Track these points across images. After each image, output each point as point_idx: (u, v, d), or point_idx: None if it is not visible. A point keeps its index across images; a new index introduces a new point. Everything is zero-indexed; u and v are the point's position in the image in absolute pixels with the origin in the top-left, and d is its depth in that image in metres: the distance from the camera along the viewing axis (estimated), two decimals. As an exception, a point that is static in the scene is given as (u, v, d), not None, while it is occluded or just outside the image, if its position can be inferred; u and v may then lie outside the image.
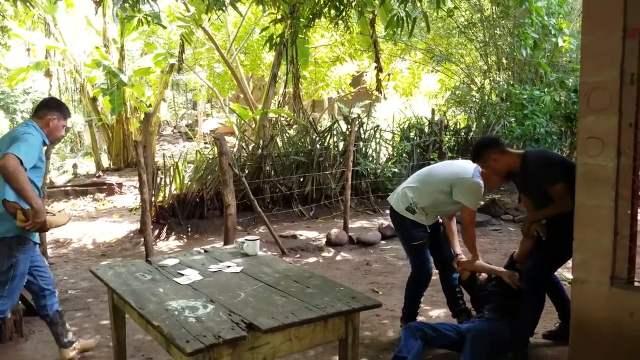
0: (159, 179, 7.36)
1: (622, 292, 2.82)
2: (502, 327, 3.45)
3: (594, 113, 2.88)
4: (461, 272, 3.84)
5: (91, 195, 10.23)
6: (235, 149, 8.38)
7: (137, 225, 7.31)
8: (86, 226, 7.90)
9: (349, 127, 8.77)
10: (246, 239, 3.18)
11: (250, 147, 8.44)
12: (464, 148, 10.43)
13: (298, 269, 2.92)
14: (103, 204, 9.65)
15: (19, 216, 2.99)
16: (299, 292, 2.46)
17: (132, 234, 7.06)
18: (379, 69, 9.64)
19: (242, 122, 9.88)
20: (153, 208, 7.11)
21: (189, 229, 7.18)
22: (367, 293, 4.96)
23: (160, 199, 7.31)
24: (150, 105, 13.87)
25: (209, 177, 7.56)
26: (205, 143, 15.36)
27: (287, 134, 8.80)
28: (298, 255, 6.35)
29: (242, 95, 13.95)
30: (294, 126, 10.39)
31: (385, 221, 7.78)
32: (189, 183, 7.47)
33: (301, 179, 8.30)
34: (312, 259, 6.21)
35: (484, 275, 3.87)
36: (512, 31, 9.07)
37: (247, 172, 7.91)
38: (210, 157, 7.74)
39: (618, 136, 2.81)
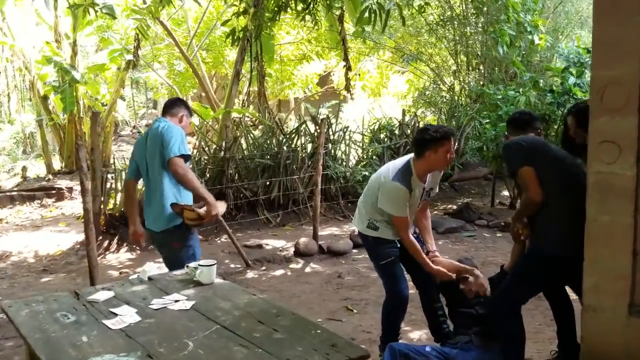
0: (109, 184, 6.71)
1: (643, 322, 2.41)
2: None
3: (609, 113, 2.46)
4: (437, 273, 3.36)
5: (39, 201, 9.44)
6: (195, 151, 7.79)
7: (83, 236, 6.64)
8: (29, 236, 7.18)
9: (317, 128, 8.30)
10: (200, 265, 2.63)
11: (212, 149, 7.86)
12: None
13: (262, 302, 2.40)
14: (50, 211, 8.89)
15: (187, 215, 3.18)
16: (264, 339, 1.93)
17: (78, 246, 6.40)
18: (348, 67, 9.17)
19: (203, 122, 9.28)
20: (103, 216, 6.46)
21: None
22: (341, 311, 4.51)
23: (110, 206, 6.67)
24: (105, 104, 13.10)
25: (166, 182, 6.94)
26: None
27: (251, 135, 8.25)
28: (264, 268, 5.82)
29: (204, 94, 13.30)
30: (259, 127, 9.84)
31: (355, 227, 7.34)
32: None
33: (267, 184, 7.77)
34: (279, 272, 5.70)
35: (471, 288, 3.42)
36: (486, 28, 8.75)
37: (208, 176, 7.33)
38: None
39: (638, 139, 2.40)
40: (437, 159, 3.12)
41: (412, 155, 3.24)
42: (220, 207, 3.42)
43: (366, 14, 5.80)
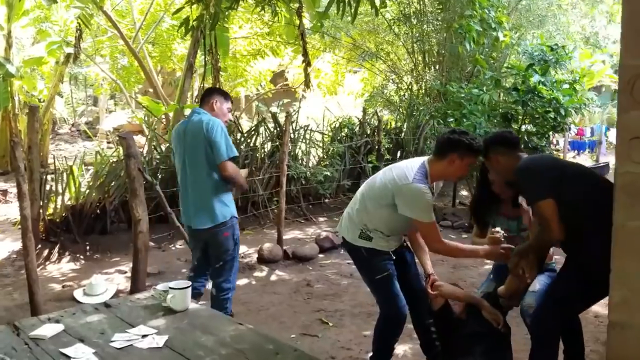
0: (48, 187, 6.04)
1: (681, 342, 2.14)
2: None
3: (641, 106, 2.19)
4: (434, 299, 3.05)
5: (-33, 205, 8.55)
6: (145, 150, 7.19)
7: (20, 244, 5.94)
8: (-44, 245, 6.39)
9: (276, 125, 7.88)
10: (171, 287, 2.16)
11: (164, 148, 7.29)
12: (395, 149, 9.87)
13: (253, 334, 1.96)
14: (-19, 216, 8.04)
15: None
16: (264, 388, 1.51)
17: (14, 255, 5.71)
18: (307, 63, 8.76)
19: (154, 118, 8.66)
20: (42, 222, 5.80)
21: (88, 248, 5.93)
22: (315, 325, 4.12)
23: (50, 211, 6.01)
24: (42, 100, 12.17)
25: (113, 184, 6.34)
26: (108, 142, 13.77)
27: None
28: (225, 277, 5.34)
29: (151, 90, 12.58)
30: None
31: (321, 230, 6.97)
32: (87, 191, 6.20)
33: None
34: (242, 281, 5.23)
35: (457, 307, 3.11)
36: (450, 24, 8.56)
37: (160, 177, 6.75)
38: (114, 159, 6.51)
39: (675, 137, 2.13)
40: (458, 168, 2.81)
41: (423, 158, 2.91)
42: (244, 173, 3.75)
43: (334, 5, 5.44)
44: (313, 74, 13.00)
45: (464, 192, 9.43)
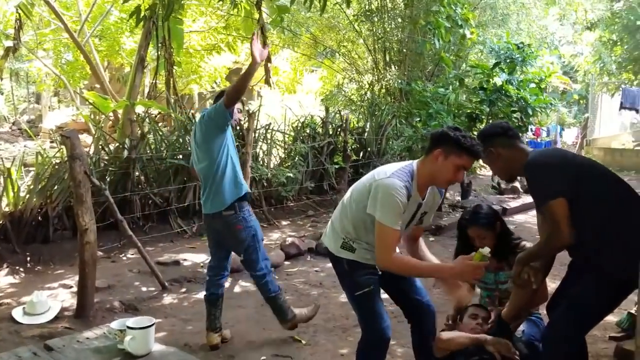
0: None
1: None
2: None
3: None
4: (437, 350, 2.70)
5: None
6: (91, 150, 6.60)
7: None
8: None
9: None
10: (129, 327, 1.72)
11: (113, 148, 6.71)
12: (358, 149, 9.59)
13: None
14: None
15: None
16: None
17: (-59, 270, 5.05)
18: (268, 59, 8.35)
19: (100, 116, 8.03)
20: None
21: (28, 259, 5.32)
22: (287, 344, 3.74)
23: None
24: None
25: (56, 188, 5.73)
26: (51, 141, 12.89)
27: (160, 132, 7.18)
28: (184, 290, 4.87)
29: (97, 86, 11.84)
30: (170, 124, 8.74)
31: (285, 235, 6.57)
32: (27, 196, 5.59)
33: (181, 188, 6.76)
34: (203, 294, 4.75)
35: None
36: (416, 21, 8.33)
37: (109, 180, 6.19)
38: (58, 160, 5.91)
39: None
40: (442, 167, 2.43)
41: (412, 161, 2.59)
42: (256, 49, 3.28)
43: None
44: (271, 71, 12.57)
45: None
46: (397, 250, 2.53)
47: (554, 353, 2.44)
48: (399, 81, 9.40)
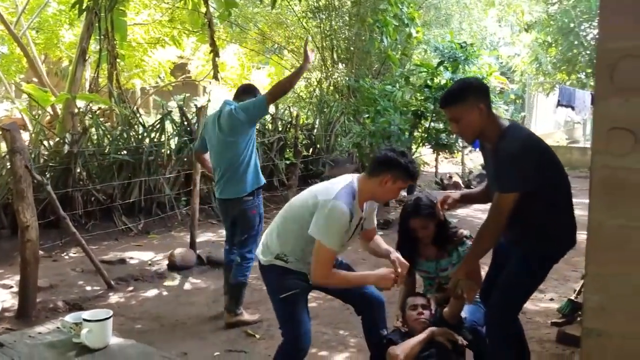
0: None
1: (665, 348, 2.00)
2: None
3: (622, 93, 2.01)
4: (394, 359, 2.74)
5: None
6: (30, 145, 6.30)
7: None
8: None
9: (184, 119, 7.28)
10: (85, 319, 1.65)
11: (53, 143, 6.44)
12: (307, 146, 9.62)
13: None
14: None
15: None
16: None
17: None
18: (216, 53, 8.24)
19: (38, 110, 7.68)
20: None
21: (-39, 259, 5.04)
22: (241, 339, 3.71)
23: None
24: None
25: (-7, 185, 5.45)
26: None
27: (103, 127, 6.94)
28: (131, 288, 4.73)
29: (35, 80, 11.30)
30: (112, 119, 8.45)
31: (235, 233, 6.50)
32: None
33: (125, 185, 6.56)
34: (151, 292, 4.66)
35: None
36: (364, 19, 8.43)
37: (49, 176, 5.94)
38: (-7, 156, 5.61)
39: (659, 127, 1.99)
40: (388, 190, 2.50)
41: (352, 176, 2.57)
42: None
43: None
44: (218, 67, 12.38)
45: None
46: None
47: (497, 337, 2.53)
48: (347, 78, 9.48)
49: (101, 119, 8.02)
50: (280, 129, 8.84)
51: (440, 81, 7.89)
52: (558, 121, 22.42)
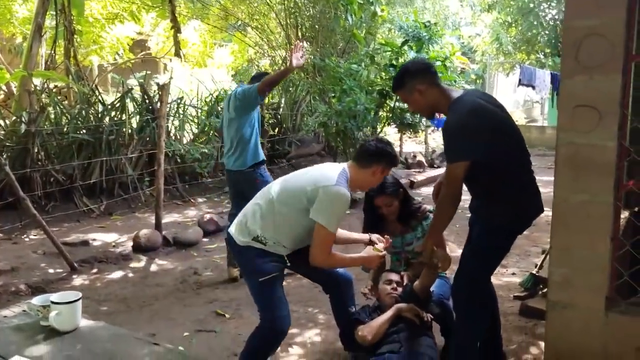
0: None
1: (623, 320, 2.10)
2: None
3: (586, 71, 2.07)
4: (363, 340, 2.78)
5: None
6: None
7: None
8: None
9: (145, 98, 7.10)
10: (53, 302, 1.60)
11: (9, 122, 6.19)
12: (273, 125, 9.55)
13: (173, 356, 1.51)
14: None
15: None
16: None
17: None
18: (177, 29, 8.06)
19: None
20: None
21: None
22: (210, 318, 3.70)
23: None
24: None
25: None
26: None
27: (61, 105, 6.70)
28: (95, 270, 4.64)
29: (-14, 56, 10.80)
30: (70, 97, 8.17)
31: (201, 212, 6.45)
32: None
33: (86, 165, 6.39)
34: (117, 274, 4.58)
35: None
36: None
37: (6, 156, 5.71)
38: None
39: (622, 103, 2.05)
40: (373, 180, 2.67)
41: (342, 164, 2.64)
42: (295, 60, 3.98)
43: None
44: (179, 44, 12.06)
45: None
46: None
47: (463, 309, 2.58)
48: (312, 57, 9.41)
49: (59, 97, 7.76)
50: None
51: (405, 60, 7.91)
52: (518, 100, 22.91)
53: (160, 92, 5.21)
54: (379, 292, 2.97)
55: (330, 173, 2.53)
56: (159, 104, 6.37)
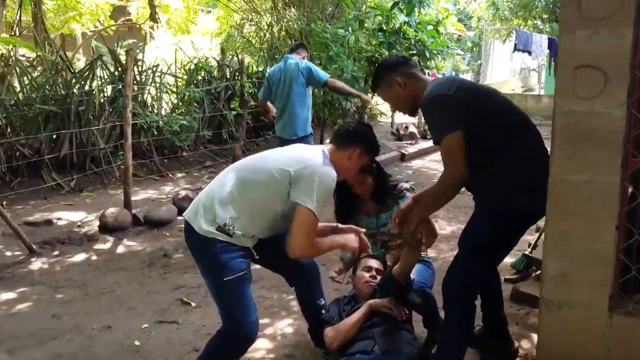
0: None
1: (630, 322, 1.78)
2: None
3: (591, 24, 1.70)
4: (329, 346, 2.49)
5: None
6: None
7: None
8: None
9: (117, 65, 6.68)
10: None
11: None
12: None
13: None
14: None
15: None
16: None
17: None
18: (153, -6, 7.56)
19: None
20: None
21: None
22: (174, 307, 3.39)
23: None
24: None
25: None
26: None
27: (27, 75, 6.29)
28: (56, 253, 4.31)
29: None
30: (38, 66, 7.74)
31: (179, 188, 6.11)
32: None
33: (54, 138, 6.02)
34: (79, 257, 4.26)
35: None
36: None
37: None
38: None
39: (632, 64, 1.69)
40: (352, 166, 2.38)
41: (320, 146, 2.40)
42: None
43: None
44: (161, 9, 11.55)
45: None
46: None
47: (451, 308, 2.27)
48: (299, 22, 8.95)
49: (29, 66, 7.32)
50: (228, 77, 8.29)
51: (395, 25, 7.50)
52: (514, 69, 22.41)
53: (125, 59, 4.79)
54: (356, 279, 2.66)
55: (312, 153, 2.26)
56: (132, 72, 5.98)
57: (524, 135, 2.13)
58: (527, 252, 3.65)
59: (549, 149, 1.92)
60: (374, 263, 2.65)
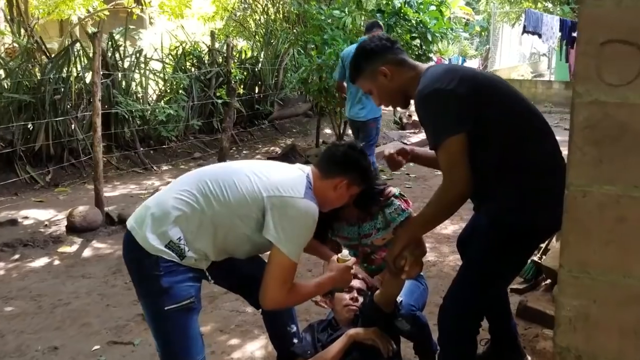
0: None
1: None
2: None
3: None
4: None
5: None
6: None
7: None
8: None
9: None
10: None
11: None
12: (252, 83, 8.70)
13: None
14: None
15: None
16: None
17: None
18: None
19: None
20: None
21: None
22: (134, 324, 3.01)
23: None
24: None
25: None
26: None
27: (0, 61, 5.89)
28: (17, 257, 3.94)
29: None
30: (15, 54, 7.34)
31: (161, 182, 5.73)
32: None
33: (29, 128, 5.63)
34: (41, 261, 3.88)
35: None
36: None
37: None
38: None
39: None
40: (338, 197, 1.97)
41: (304, 168, 1.97)
42: None
43: None
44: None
45: (328, 131, 8.59)
46: None
47: (448, 337, 1.89)
48: (295, 4, 8.47)
49: (8, 55, 6.92)
50: (219, 62, 7.85)
51: (395, 5, 7.01)
52: (524, 54, 21.79)
53: (93, 42, 4.36)
54: (335, 301, 2.23)
55: (293, 180, 1.83)
56: (114, 58, 5.57)
57: (538, 140, 1.72)
58: (536, 259, 3.23)
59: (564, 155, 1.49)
60: (356, 282, 2.23)
